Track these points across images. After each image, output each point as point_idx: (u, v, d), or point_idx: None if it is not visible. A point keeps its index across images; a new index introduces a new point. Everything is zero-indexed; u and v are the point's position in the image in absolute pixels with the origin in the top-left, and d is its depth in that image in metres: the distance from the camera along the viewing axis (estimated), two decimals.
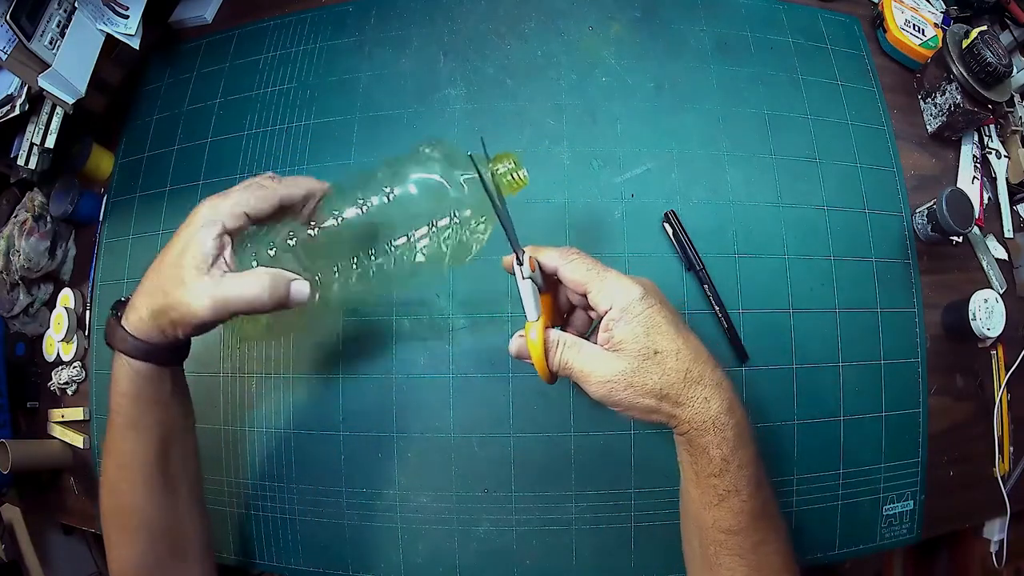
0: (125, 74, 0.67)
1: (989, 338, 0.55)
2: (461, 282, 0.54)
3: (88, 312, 0.64)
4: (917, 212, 0.58)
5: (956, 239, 0.56)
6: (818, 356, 0.53)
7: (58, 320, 0.64)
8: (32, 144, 0.61)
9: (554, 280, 0.39)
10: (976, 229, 0.60)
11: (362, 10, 0.63)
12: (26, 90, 0.59)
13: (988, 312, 0.54)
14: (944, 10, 0.67)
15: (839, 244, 0.56)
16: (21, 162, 0.62)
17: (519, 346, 0.38)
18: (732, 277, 0.54)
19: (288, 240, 0.39)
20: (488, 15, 0.61)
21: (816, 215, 0.56)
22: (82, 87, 0.58)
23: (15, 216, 0.67)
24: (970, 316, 0.54)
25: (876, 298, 0.55)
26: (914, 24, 0.63)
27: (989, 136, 0.64)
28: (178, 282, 0.36)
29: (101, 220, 0.66)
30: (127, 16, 0.60)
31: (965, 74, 0.57)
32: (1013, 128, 0.64)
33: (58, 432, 0.64)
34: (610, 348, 0.36)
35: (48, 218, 0.66)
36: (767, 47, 0.61)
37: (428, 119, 0.58)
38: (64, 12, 0.58)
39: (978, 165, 0.63)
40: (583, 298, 0.38)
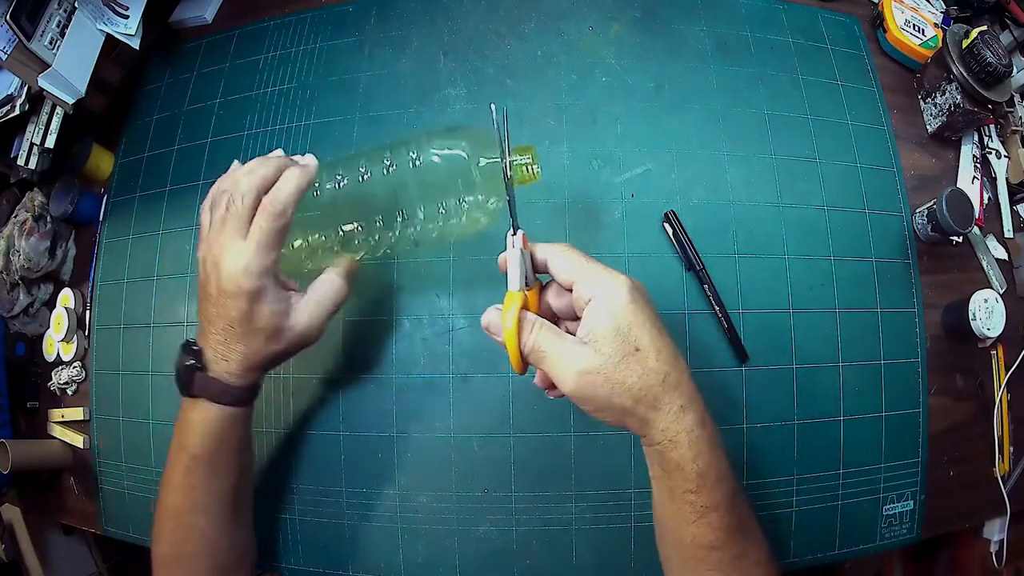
0: (125, 74, 0.68)
1: (989, 338, 0.55)
2: (461, 282, 0.54)
3: (88, 312, 0.64)
4: (917, 212, 0.58)
5: (956, 239, 0.56)
6: (818, 356, 0.53)
7: (58, 320, 0.64)
8: (32, 144, 0.61)
9: (538, 286, 0.38)
10: (976, 229, 0.60)
11: (362, 10, 0.63)
12: (26, 90, 0.59)
13: (988, 312, 0.54)
14: (944, 10, 0.67)
15: (839, 244, 0.56)
16: (21, 162, 0.62)
17: (492, 318, 0.36)
18: (732, 277, 0.54)
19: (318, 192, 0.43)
20: (488, 15, 0.61)
21: (816, 215, 0.56)
22: (82, 87, 0.58)
23: (15, 216, 0.67)
24: (970, 316, 0.54)
25: (876, 298, 0.55)
26: (914, 24, 0.63)
27: (989, 136, 0.64)
28: (279, 331, 0.40)
29: (101, 220, 0.66)
30: (127, 16, 0.60)
31: (965, 74, 0.57)
32: (1013, 128, 0.64)
33: (58, 432, 0.64)
34: (590, 340, 0.34)
35: (48, 218, 0.66)
36: (767, 47, 0.61)
37: (428, 119, 0.58)
38: (64, 12, 0.58)
39: (978, 165, 0.63)
40: (568, 306, 0.36)
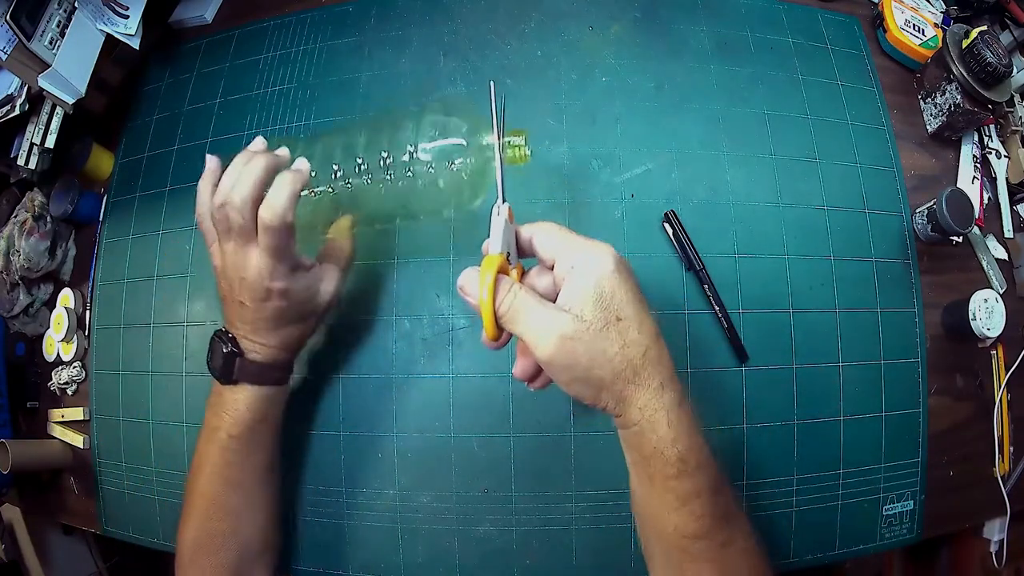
0: (125, 74, 0.67)
1: (989, 338, 0.55)
2: None
3: (88, 312, 0.64)
4: (917, 212, 0.58)
5: (956, 239, 0.56)
6: (818, 356, 0.53)
7: (58, 320, 0.64)
8: (32, 144, 0.61)
9: (520, 269, 0.36)
10: (976, 229, 0.60)
11: (362, 10, 0.63)
12: (26, 90, 0.59)
13: (988, 312, 0.54)
14: (944, 10, 0.67)
15: (839, 244, 0.56)
16: (21, 162, 0.62)
17: (468, 279, 0.33)
18: (732, 277, 0.54)
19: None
20: (488, 15, 0.61)
21: (816, 215, 0.56)
22: (82, 87, 0.58)
23: (15, 216, 0.67)
24: (970, 316, 0.54)
25: (876, 298, 0.55)
26: (914, 24, 0.63)
27: (989, 136, 0.64)
28: (310, 312, 0.44)
29: (101, 220, 0.66)
30: (127, 16, 0.60)
31: (965, 74, 0.57)
32: (1013, 128, 0.64)
33: (58, 432, 0.64)
34: (571, 306, 0.32)
35: (48, 218, 0.66)
36: (767, 47, 0.61)
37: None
38: (64, 12, 0.58)
39: (978, 165, 0.63)
40: (551, 289, 0.35)
